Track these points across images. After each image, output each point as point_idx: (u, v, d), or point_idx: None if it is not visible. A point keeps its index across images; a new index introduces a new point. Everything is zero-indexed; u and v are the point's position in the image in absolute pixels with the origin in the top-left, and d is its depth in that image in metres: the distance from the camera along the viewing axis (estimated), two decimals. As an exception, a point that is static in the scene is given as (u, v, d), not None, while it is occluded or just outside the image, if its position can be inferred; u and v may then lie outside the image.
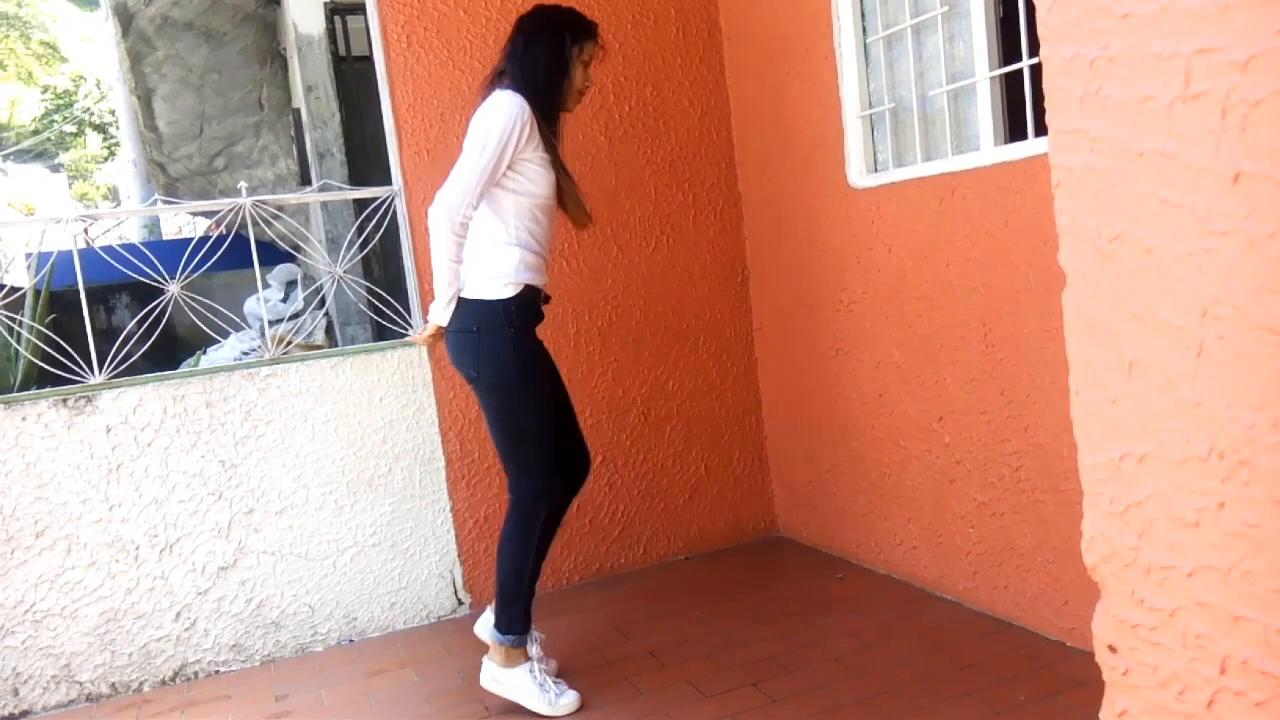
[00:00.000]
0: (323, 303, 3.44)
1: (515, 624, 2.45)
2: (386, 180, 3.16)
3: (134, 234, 12.05)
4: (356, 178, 5.09)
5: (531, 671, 2.45)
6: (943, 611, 2.77)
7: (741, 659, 2.61)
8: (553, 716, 2.40)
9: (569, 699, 2.43)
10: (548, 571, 3.32)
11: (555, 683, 2.46)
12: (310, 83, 5.70)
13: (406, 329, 3.14)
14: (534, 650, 2.49)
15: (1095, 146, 0.77)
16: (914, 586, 2.97)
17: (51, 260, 4.21)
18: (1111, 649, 0.82)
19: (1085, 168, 0.78)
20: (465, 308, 2.37)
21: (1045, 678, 2.30)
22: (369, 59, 3.17)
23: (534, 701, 2.41)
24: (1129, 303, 0.76)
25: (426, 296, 3.13)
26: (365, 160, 4.91)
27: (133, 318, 2.92)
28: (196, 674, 2.93)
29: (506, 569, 2.45)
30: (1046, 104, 0.81)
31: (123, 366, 2.84)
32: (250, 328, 5.44)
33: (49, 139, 19.80)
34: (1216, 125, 0.68)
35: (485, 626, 2.52)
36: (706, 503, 3.55)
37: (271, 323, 5.26)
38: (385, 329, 3.23)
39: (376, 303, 3.16)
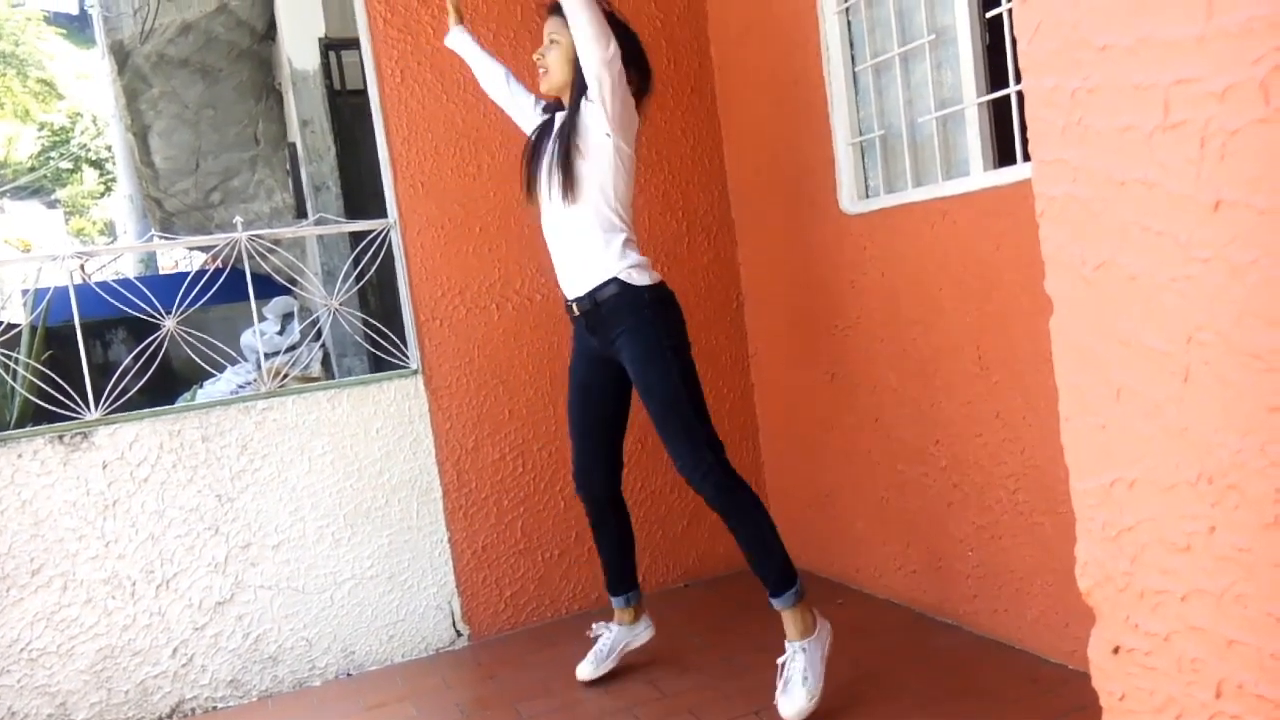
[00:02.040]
0: (319, 335, 3.45)
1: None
2: (382, 213, 3.18)
3: (130, 269, 12.08)
4: (352, 210, 5.11)
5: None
6: (944, 636, 2.76)
7: (742, 687, 2.60)
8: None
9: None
10: (546, 602, 3.31)
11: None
12: (305, 117, 5.74)
13: (403, 360, 3.14)
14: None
15: (1078, 176, 0.78)
16: (914, 611, 2.96)
17: (48, 297, 4.22)
18: (1114, 649, 0.82)
19: (1068, 196, 0.79)
20: None
21: (1047, 701, 2.29)
22: (363, 93, 3.19)
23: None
24: (1115, 329, 0.76)
25: (422, 327, 3.14)
26: (361, 193, 4.94)
27: (129, 353, 2.92)
28: (194, 710, 2.90)
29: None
30: (1029, 134, 0.83)
31: (119, 402, 2.84)
32: (247, 361, 5.44)
33: (45, 175, 19.88)
34: (1196, 154, 0.69)
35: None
36: (705, 529, 3.54)
37: (268, 355, 5.26)
38: (382, 360, 3.23)
39: (373, 334, 3.17)
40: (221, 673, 2.93)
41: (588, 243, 2.45)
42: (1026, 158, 2.35)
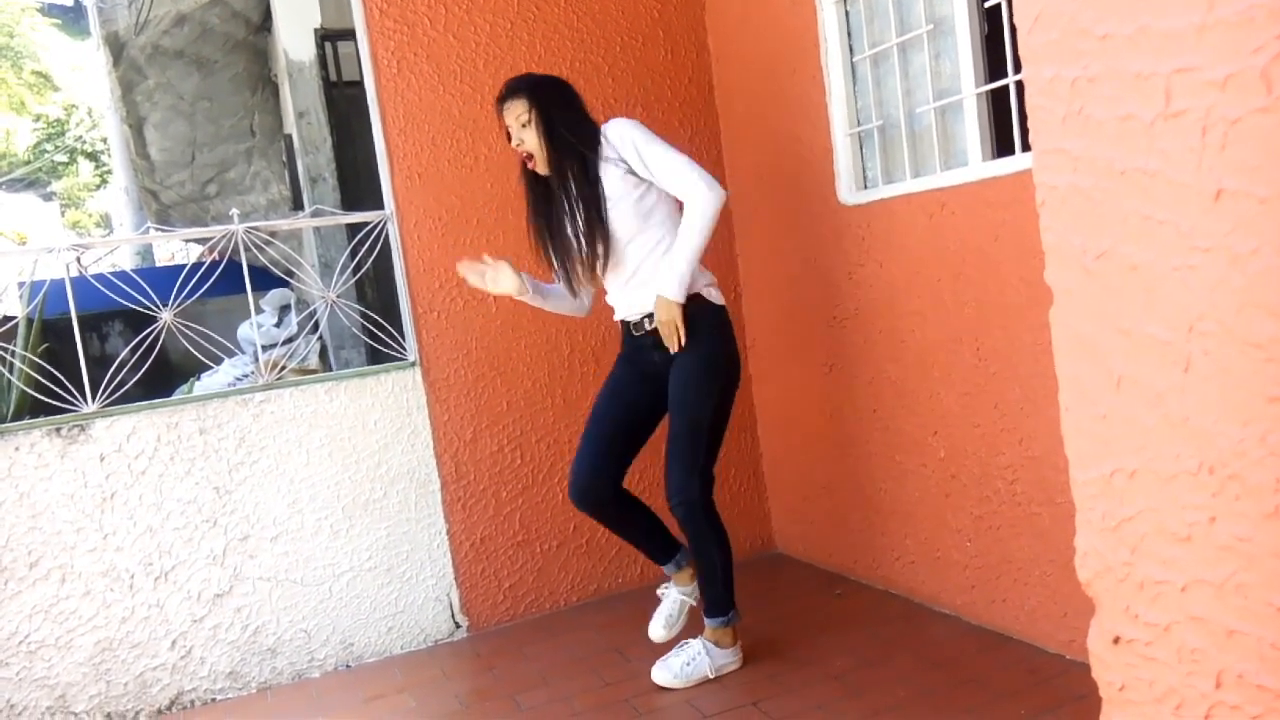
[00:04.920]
0: (316, 327, 3.44)
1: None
2: (379, 204, 3.17)
3: (127, 261, 12.04)
4: (349, 202, 5.10)
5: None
6: (941, 626, 2.77)
7: (740, 678, 2.60)
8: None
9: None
10: (544, 593, 3.31)
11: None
12: (301, 108, 5.71)
13: (401, 352, 3.14)
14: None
15: (1078, 165, 0.77)
16: (912, 601, 2.96)
17: (44, 289, 4.21)
18: (1114, 639, 0.82)
19: (1069, 186, 0.79)
20: None
21: (1045, 691, 2.30)
22: (360, 84, 3.18)
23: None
24: (1116, 319, 0.76)
25: (419, 319, 3.14)
26: (357, 184, 4.92)
27: (126, 345, 2.91)
28: (193, 702, 2.91)
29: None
30: (1029, 124, 0.82)
31: (116, 395, 2.83)
32: (244, 353, 5.44)
33: (41, 168, 19.81)
34: (1197, 143, 0.69)
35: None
36: (703, 521, 3.53)
37: (265, 348, 5.26)
38: (379, 352, 3.23)
39: (370, 326, 3.16)
40: (220, 665, 2.93)
41: (658, 262, 2.51)
42: (1025, 148, 2.35)
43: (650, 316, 2.54)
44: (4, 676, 2.73)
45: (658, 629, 2.73)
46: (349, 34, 3.48)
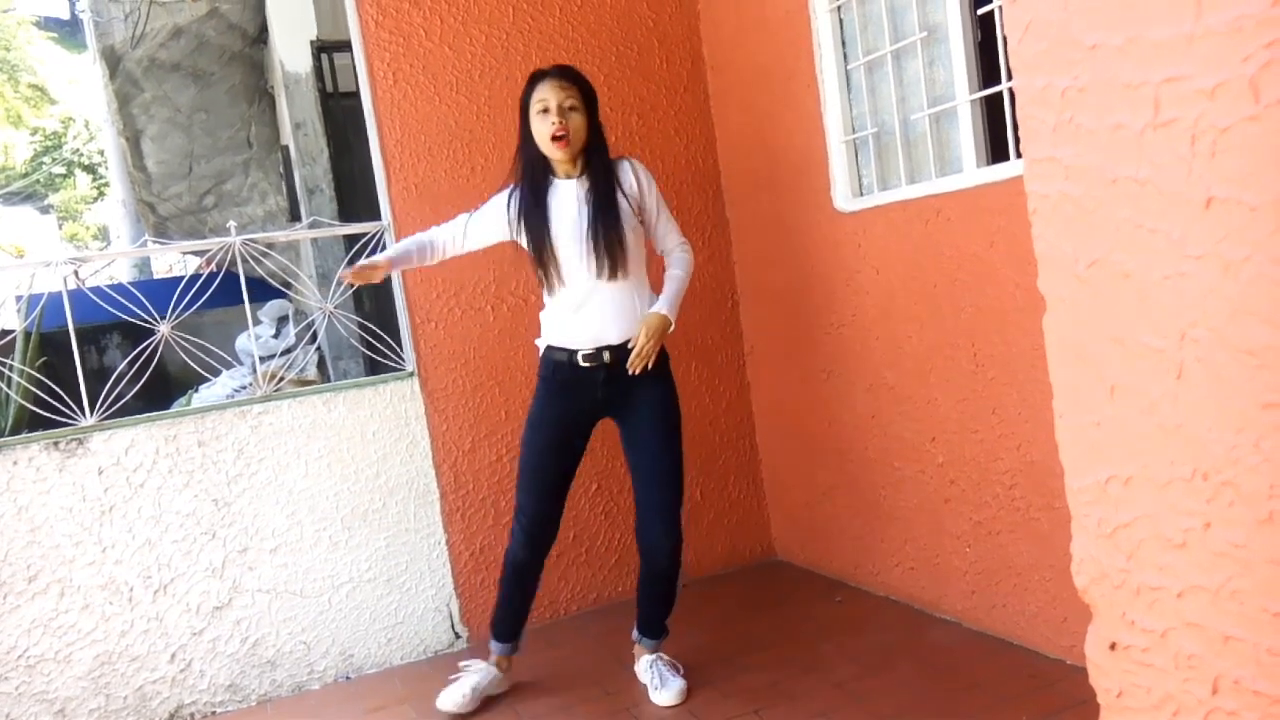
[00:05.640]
0: (314, 338, 3.44)
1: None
2: (376, 215, 3.18)
3: (124, 273, 12.04)
4: (346, 213, 5.10)
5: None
6: (942, 632, 2.77)
7: (742, 686, 2.60)
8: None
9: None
10: (545, 602, 3.30)
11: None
12: (298, 120, 5.73)
13: (399, 363, 3.14)
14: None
15: (1070, 174, 0.78)
16: (913, 608, 2.96)
17: (42, 302, 4.21)
18: (1111, 646, 0.82)
19: (1060, 195, 0.79)
20: None
21: (1046, 697, 2.30)
22: (356, 95, 3.19)
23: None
24: (1109, 327, 0.77)
25: (417, 329, 3.14)
26: (354, 195, 4.93)
27: (124, 358, 2.91)
28: (193, 716, 2.90)
29: None
30: (1020, 133, 0.83)
31: (114, 407, 2.83)
32: (242, 365, 5.43)
33: (38, 181, 19.82)
34: (1187, 152, 0.69)
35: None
36: (702, 528, 3.54)
37: (263, 359, 5.25)
38: (377, 363, 3.23)
39: (368, 337, 3.17)
40: (220, 677, 2.92)
41: (630, 297, 2.51)
42: (1020, 154, 2.35)
43: (608, 349, 2.48)
44: (3, 691, 2.72)
45: (456, 697, 2.63)
46: (345, 46, 3.48)
